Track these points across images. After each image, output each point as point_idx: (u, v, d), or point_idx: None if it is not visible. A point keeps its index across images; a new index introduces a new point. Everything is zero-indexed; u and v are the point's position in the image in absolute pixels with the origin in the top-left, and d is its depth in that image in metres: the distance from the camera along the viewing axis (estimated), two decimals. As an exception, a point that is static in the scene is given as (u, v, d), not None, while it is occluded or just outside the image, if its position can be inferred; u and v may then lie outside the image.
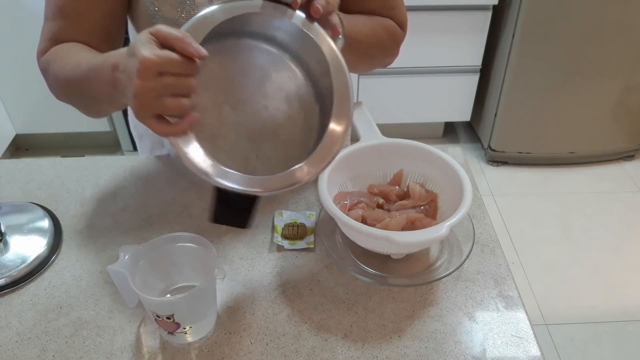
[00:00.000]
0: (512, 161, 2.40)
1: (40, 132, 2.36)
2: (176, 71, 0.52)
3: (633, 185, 2.30)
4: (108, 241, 0.83)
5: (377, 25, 0.87)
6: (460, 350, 0.67)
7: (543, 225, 2.10)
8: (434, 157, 0.82)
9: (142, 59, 0.50)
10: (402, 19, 0.91)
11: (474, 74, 2.27)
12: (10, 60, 2.10)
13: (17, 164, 0.99)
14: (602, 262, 1.94)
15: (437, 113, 2.41)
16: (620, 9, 1.94)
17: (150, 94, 0.51)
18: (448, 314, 0.72)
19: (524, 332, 0.69)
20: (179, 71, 0.52)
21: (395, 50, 0.92)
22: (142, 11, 0.81)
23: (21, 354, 0.67)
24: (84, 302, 0.73)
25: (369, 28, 0.85)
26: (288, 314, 0.72)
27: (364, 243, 0.76)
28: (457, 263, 0.76)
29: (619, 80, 2.13)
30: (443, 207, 0.80)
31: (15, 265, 0.76)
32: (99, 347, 0.67)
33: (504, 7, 2.09)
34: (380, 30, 0.87)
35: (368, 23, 0.85)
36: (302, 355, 0.67)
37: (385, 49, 0.89)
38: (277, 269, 0.78)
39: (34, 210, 0.86)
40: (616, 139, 2.33)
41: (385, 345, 0.68)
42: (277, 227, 0.83)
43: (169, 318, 0.63)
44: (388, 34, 0.88)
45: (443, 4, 2.04)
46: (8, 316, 0.72)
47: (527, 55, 2.07)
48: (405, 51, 2.40)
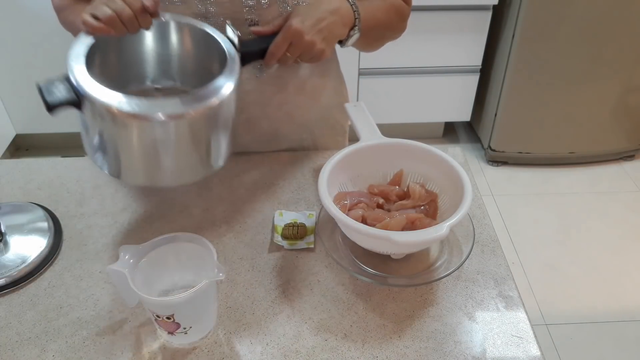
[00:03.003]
0: (512, 161, 2.40)
1: (40, 132, 2.36)
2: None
3: (633, 185, 2.30)
4: (108, 241, 0.83)
5: (389, 6, 0.90)
6: (460, 350, 0.67)
7: (543, 225, 2.10)
8: (434, 157, 0.82)
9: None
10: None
11: (474, 74, 2.27)
12: (10, 60, 2.10)
13: (17, 164, 0.99)
14: (602, 262, 1.94)
15: (437, 113, 2.41)
16: (620, 9, 1.94)
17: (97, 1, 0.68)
18: (448, 314, 0.72)
19: (524, 332, 0.69)
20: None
21: (403, 25, 0.96)
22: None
23: (21, 354, 0.67)
24: (84, 302, 0.73)
25: (383, 11, 0.89)
26: (288, 314, 0.72)
27: (364, 243, 0.76)
28: (457, 263, 0.76)
29: (619, 80, 2.13)
30: (443, 207, 0.80)
31: (15, 265, 0.76)
32: (99, 347, 0.67)
33: (504, 7, 2.10)
34: (391, 11, 0.91)
35: (382, 6, 0.89)
36: (302, 355, 0.67)
37: (395, 28, 0.94)
38: (277, 269, 0.78)
39: (34, 210, 0.86)
40: (616, 139, 2.33)
41: (385, 345, 0.68)
42: (277, 227, 0.83)
43: (169, 318, 0.63)
44: (397, 14, 0.92)
45: (443, 4, 2.04)
46: (8, 316, 0.72)
47: (527, 55, 2.07)
48: (405, 51, 2.40)
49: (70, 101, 0.64)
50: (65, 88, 0.64)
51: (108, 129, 0.67)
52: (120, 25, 0.68)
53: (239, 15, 0.82)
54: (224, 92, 0.67)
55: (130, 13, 0.68)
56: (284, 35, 0.76)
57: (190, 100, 0.65)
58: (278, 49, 0.76)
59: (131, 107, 0.63)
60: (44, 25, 1.99)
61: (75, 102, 0.64)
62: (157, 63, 0.79)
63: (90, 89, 0.63)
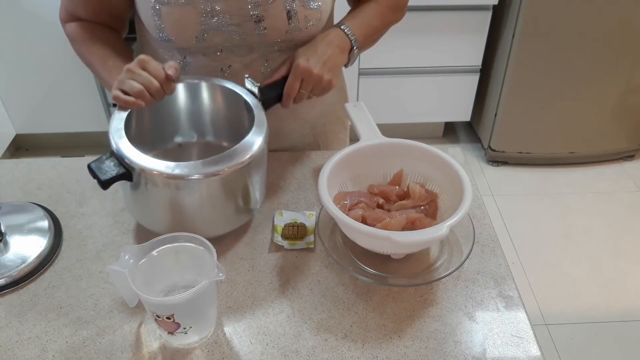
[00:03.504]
0: (512, 161, 2.40)
1: (40, 132, 2.36)
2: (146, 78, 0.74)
3: (633, 185, 2.30)
4: (108, 241, 0.83)
5: (383, 9, 0.94)
6: (460, 350, 0.67)
7: (543, 225, 2.10)
8: (434, 157, 0.82)
9: (125, 67, 0.75)
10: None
11: (474, 74, 2.27)
12: (10, 60, 2.10)
13: (17, 164, 0.99)
14: (602, 262, 1.94)
15: (437, 113, 2.41)
16: (620, 10, 1.94)
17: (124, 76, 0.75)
18: (448, 314, 0.72)
19: (524, 332, 0.69)
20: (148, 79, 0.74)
21: (401, 15, 0.99)
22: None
23: (21, 354, 0.67)
24: (84, 302, 0.73)
25: (377, 17, 0.93)
26: (288, 314, 0.72)
27: (364, 243, 0.76)
28: (457, 263, 0.76)
29: (619, 81, 2.13)
30: (443, 207, 0.80)
31: (15, 265, 0.76)
32: (99, 347, 0.67)
33: (504, 7, 2.09)
34: (386, 13, 0.94)
35: (375, 14, 0.93)
36: (302, 355, 0.67)
37: (393, 23, 0.98)
38: (277, 269, 0.78)
39: (34, 210, 0.86)
40: (616, 139, 2.33)
41: (385, 345, 0.68)
42: (277, 227, 0.83)
43: (169, 318, 0.63)
44: (392, 10, 0.95)
45: (443, 4, 2.04)
46: (8, 316, 0.72)
47: (527, 56, 2.07)
48: (405, 51, 2.40)
49: (121, 175, 0.70)
50: (114, 164, 0.70)
51: (157, 193, 0.73)
52: (149, 97, 0.74)
53: (245, 12, 0.83)
54: (255, 148, 0.73)
55: (157, 85, 0.74)
56: (294, 75, 0.83)
57: (228, 159, 0.71)
58: (292, 88, 0.84)
59: (174, 170, 0.69)
60: (44, 25, 1.99)
61: (125, 174, 0.70)
62: (185, 120, 0.88)
63: (139, 161, 0.69)
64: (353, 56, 0.91)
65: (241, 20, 0.83)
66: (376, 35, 0.95)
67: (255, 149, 0.73)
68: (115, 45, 0.89)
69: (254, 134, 0.75)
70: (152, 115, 0.84)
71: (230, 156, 0.71)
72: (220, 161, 0.71)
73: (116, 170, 0.69)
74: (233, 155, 0.71)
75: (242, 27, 0.84)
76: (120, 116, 0.75)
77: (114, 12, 0.90)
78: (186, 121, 0.88)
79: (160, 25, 0.83)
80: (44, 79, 2.16)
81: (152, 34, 0.85)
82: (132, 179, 0.71)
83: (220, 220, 0.78)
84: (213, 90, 0.85)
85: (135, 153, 0.70)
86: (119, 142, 0.71)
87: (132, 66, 0.74)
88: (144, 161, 0.69)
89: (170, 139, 0.89)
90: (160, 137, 0.88)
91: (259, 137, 0.75)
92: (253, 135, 0.75)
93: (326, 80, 0.85)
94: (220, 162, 0.71)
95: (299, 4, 0.84)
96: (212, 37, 0.84)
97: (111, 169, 0.69)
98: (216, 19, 0.82)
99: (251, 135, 0.75)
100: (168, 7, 0.81)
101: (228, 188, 0.74)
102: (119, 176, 0.69)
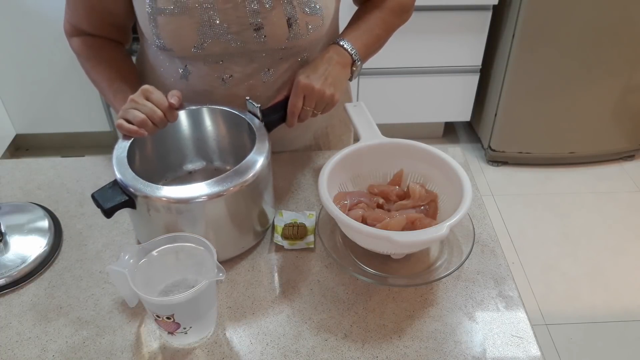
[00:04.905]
0: (512, 161, 2.40)
1: (40, 132, 2.36)
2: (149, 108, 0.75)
3: (633, 185, 2.30)
4: (108, 241, 0.83)
5: (385, 16, 0.93)
6: (460, 350, 0.67)
7: (543, 225, 2.10)
8: (434, 157, 0.82)
9: (129, 98, 0.76)
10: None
11: (474, 74, 2.27)
12: (10, 60, 2.10)
13: (17, 164, 0.99)
14: (602, 262, 1.94)
15: (437, 113, 2.41)
16: (620, 9, 1.94)
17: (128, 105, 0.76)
18: (448, 314, 0.72)
19: (524, 332, 0.69)
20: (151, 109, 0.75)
21: (408, 16, 0.98)
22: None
23: (21, 354, 0.67)
24: (84, 302, 0.73)
25: (381, 25, 0.93)
26: (288, 314, 0.72)
27: (364, 243, 0.76)
28: (457, 263, 0.76)
29: (619, 80, 2.13)
30: (443, 207, 0.80)
31: (15, 265, 0.76)
32: (99, 347, 0.67)
33: (504, 7, 2.09)
34: (390, 19, 0.94)
35: (377, 22, 0.92)
36: (302, 355, 0.67)
37: (398, 27, 0.98)
38: (277, 269, 0.78)
39: (34, 210, 0.86)
40: (616, 139, 2.33)
41: (385, 345, 0.68)
42: (277, 227, 0.83)
43: (169, 318, 0.63)
44: (396, 16, 0.95)
45: (443, 4, 2.04)
46: (8, 316, 0.72)
47: (527, 55, 2.07)
48: (405, 51, 2.40)
49: (124, 203, 0.71)
50: (116, 193, 0.71)
51: (160, 218, 0.73)
52: (152, 126, 0.75)
53: (243, 20, 0.82)
54: (258, 167, 0.74)
55: (161, 114, 0.75)
56: (295, 92, 0.84)
57: (230, 180, 0.71)
58: (295, 106, 0.84)
59: (177, 194, 0.70)
60: (44, 25, 1.99)
61: (128, 202, 0.71)
62: (192, 148, 0.90)
63: (140, 188, 0.70)
64: (357, 69, 0.90)
65: (240, 29, 0.82)
66: (380, 42, 0.95)
67: (258, 167, 0.73)
68: (120, 66, 0.90)
69: (255, 153, 0.75)
70: (158, 145, 0.85)
71: (231, 177, 0.71)
72: (222, 182, 0.71)
73: (120, 199, 0.71)
74: (234, 176, 0.72)
75: (241, 36, 0.83)
76: (124, 145, 0.76)
77: (116, 22, 0.90)
78: (192, 149, 0.89)
79: (158, 34, 0.82)
80: (44, 79, 2.16)
81: (151, 43, 0.85)
82: (135, 207, 0.72)
83: (229, 243, 0.78)
84: (215, 116, 0.86)
85: (137, 180, 0.71)
86: (123, 172, 0.72)
87: (136, 96, 0.76)
88: (147, 188, 0.70)
89: (180, 167, 0.90)
90: (169, 166, 0.89)
91: (261, 156, 0.75)
92: (255, 154, 0.75)
93: (328, 95, 0.84)
94: (223, 182, 0.71)
95: (299, 10, 0.83)
96: (211, 46, 0.83)
97: (114, 198, 0.71)
98: (214, 27, 0.82)
99: (253, 154, 0.75)
100: (164, 17, 0.80)
101: (232, 209, 0.74)
102: (121, 204, 0.71)
